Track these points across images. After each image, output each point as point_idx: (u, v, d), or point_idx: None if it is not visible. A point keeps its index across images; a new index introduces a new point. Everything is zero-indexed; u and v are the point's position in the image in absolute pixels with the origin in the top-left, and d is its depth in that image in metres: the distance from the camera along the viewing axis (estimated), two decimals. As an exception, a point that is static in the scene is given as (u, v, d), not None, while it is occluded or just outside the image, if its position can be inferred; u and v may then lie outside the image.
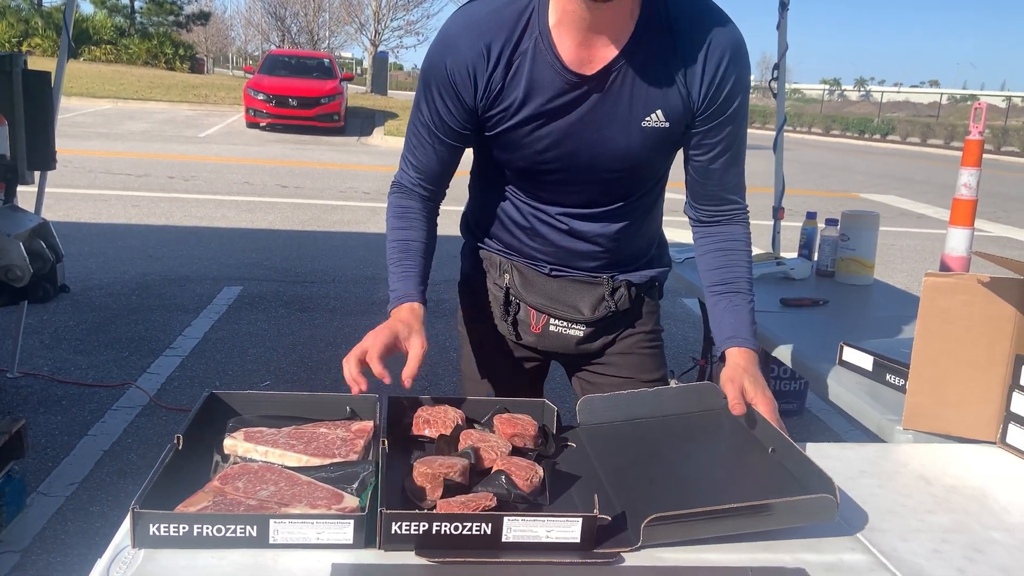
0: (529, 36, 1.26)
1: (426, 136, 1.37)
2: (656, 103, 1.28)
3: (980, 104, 4.48)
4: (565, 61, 1.25)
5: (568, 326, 1.49)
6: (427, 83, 1.33)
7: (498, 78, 1.28)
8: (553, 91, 1.27)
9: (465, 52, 1.27)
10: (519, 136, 1.32)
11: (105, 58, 32.67)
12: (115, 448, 3.01)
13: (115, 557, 0.89)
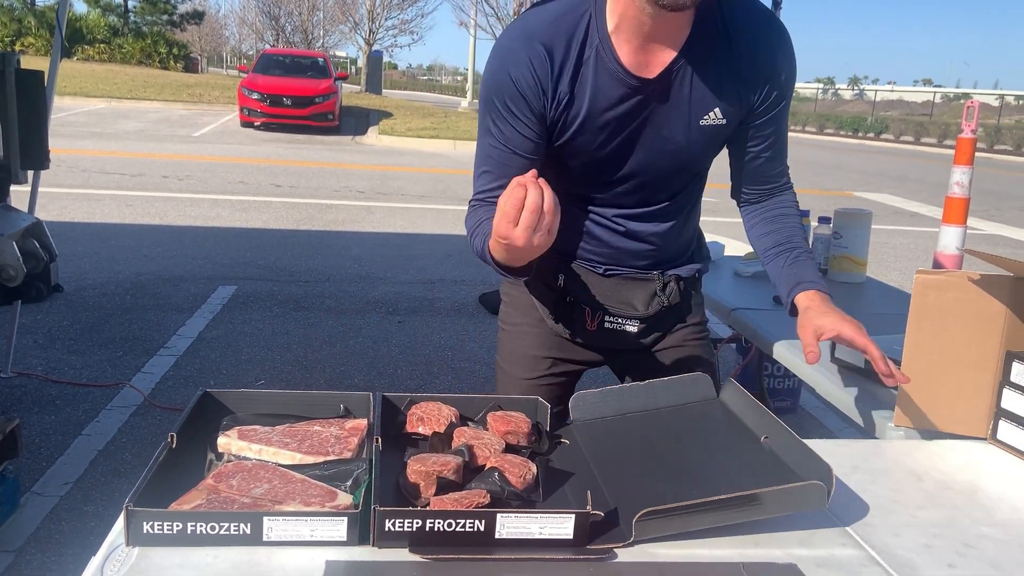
0: (590, 44, 1.28)
1: (502, 158, 1.35)
2: (713, 101, 1.32)
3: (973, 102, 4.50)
4: (627, 66, 1.27)
5: (624, 323, 1.52)
6: (491, 101, 1.31)
7: (565, 87, 1.29)
8: (617, 97, 1.30)
9: (528, 61, 1.27)
10: (583, 143, 1.34)
11: (99, 57, 32.59)
12: (109, 448, 3.01)
13: (109, 555, 0.89)
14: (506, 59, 1.29)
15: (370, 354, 4.22)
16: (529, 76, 1.27)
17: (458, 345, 4.43)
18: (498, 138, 1.33)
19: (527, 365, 1.59)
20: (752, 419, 1.22)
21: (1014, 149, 25.23)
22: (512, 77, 1.28)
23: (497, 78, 1.30)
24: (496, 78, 1.30)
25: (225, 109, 19.27)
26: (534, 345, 1.58)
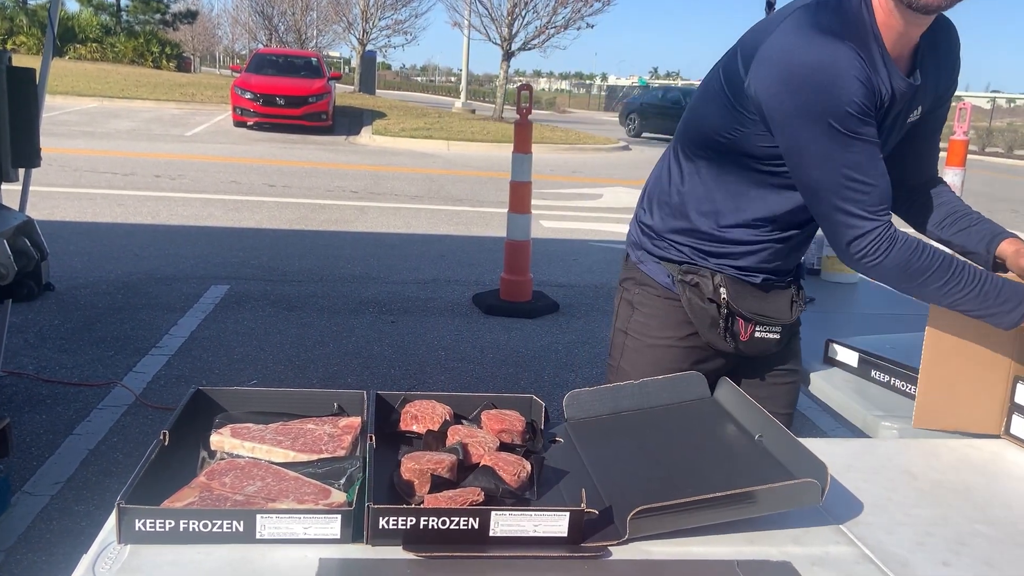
0: (876, 48, 1.28)
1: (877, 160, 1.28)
2: (923, 99, 1.38)
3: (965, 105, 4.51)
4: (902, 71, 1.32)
5: (768, 331, 1.53)
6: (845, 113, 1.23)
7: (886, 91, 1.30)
8: (902, 100, 1.33)
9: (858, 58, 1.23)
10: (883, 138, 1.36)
11: (91, 56, 32.46)
12: (100, 447, 2.99)
13: (101, 553, 0.88)
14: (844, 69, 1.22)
15: (363, 354, 4.21)
16: (864, 72, 1.23)
17: (452, 345, 4.43)
18: (871, 140, 1.26)
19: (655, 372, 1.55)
20: (746, 417, 1.22)
21: (1006, 151, 25.34)
22: (860, 79, 1.22)
23: (846, 84, 1.22)
24: (845, 84, 1.22)
25: (218, 109, 19.21)
26: (678, 359, 1.55)
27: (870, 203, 1.28)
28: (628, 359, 1.60)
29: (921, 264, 1.27)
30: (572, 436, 1.24)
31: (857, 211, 1.28)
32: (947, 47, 1.39)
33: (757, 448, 1.15)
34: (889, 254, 1.28)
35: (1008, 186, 15.82)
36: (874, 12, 1.27)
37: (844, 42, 1.23)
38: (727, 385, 1.29)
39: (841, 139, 1.24)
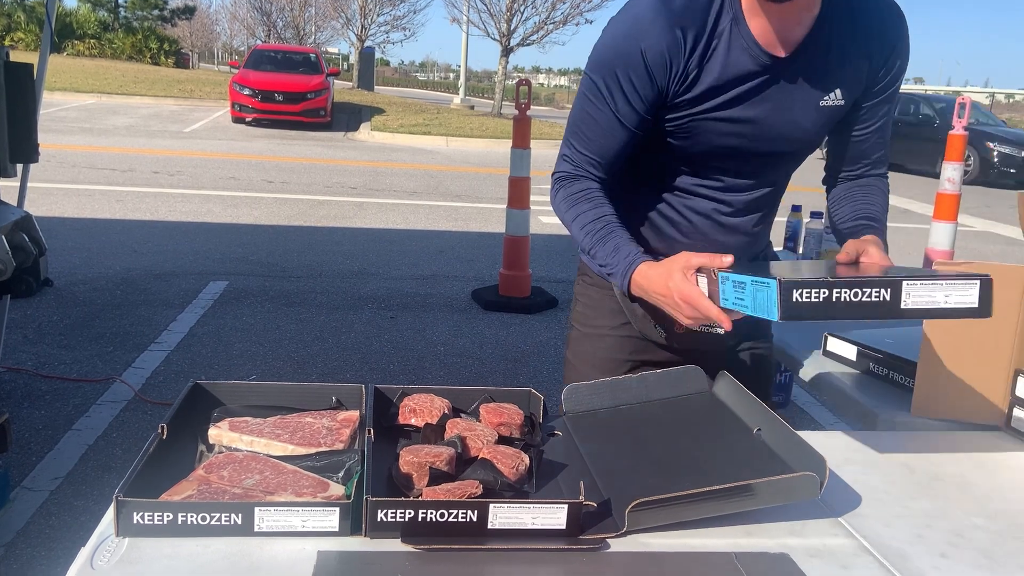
0: (724, 18, 1.25)
1: (607, 126, 1.31)
2: (835, 82, 1.31)
3: (964, 99, 4.50)
4: (760, 43, 1.25)
5: (712, 325, 1.49)
6: (611, 70, 1.27)
7: (694, 63, 1.25)
8: (748, 74, 1.27)
9: (661, 35, 1.23)
10: (706, 121, 1.31)
11: (89, 53, 32.41)
12: (99, 443, 2.99)
13: (99, 546, 0.88)
14: (639, 30, 1.24)
15: (362, 349, 4.21)
16: (660, 52, 1.24)
17: (450, 341, 4.43)
18: (610, 106, 1.29)
19: (606, 369, 1.53)
20: (745, 411, 1.22)
21: (1004, 147, 25.32)
22: (642, 51, 1.24)
23: (623, 48, 1.25)
24: (621, 47, 1.25)
25: (216, 105, 19.19)
26: (615, 348, 1.52)
27: (581, 154, 1.36)
28: (572, 350, 1.60)
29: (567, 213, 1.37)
30: (571, 429, 1.24)
31: (569, 149, 1.38)
32: (879, 35, 1.31)
33: (755, 441, 1.15)
34: (556, 195, 1.40)
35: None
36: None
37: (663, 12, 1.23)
38: (726, 379, 1.29)
39: (592, 89, 1.30)
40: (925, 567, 0.94)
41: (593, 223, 1.33)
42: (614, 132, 1.32)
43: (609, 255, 1.31)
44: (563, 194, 1.38)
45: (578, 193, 1.36)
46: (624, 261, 1.29)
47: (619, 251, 1.30)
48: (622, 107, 1.29)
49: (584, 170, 1.37)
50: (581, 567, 0.91)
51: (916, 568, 0.94)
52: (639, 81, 1.26)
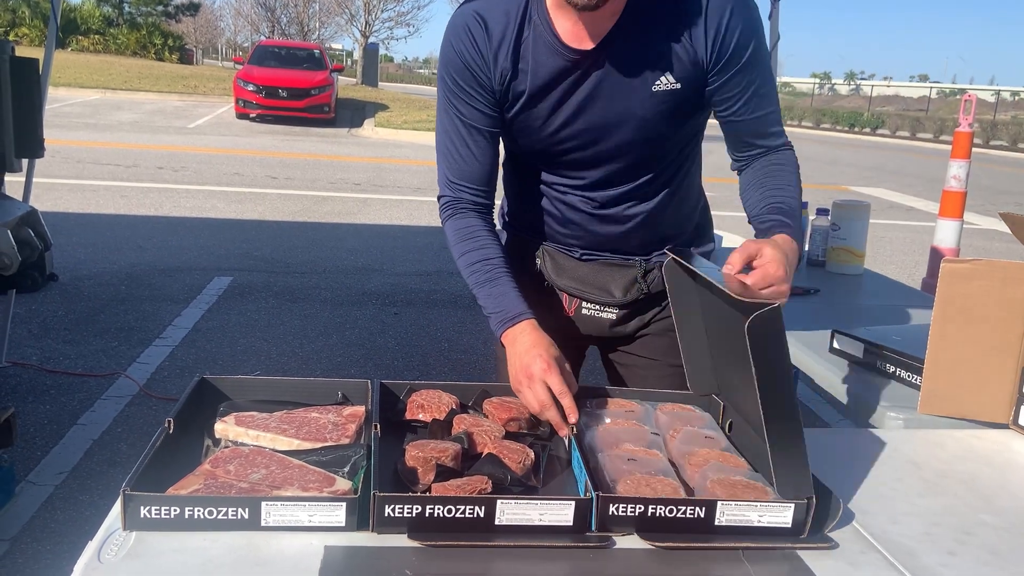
0: (529, 20, 1.27)
1: (463, 134, 1.34)
2: (664, 65, 1.26)
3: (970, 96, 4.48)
4: (563, 39, 1.25)
5: (600, 309, 1.49)
6: (446, 77, 1.33)
7: (507, 61, 1.28)
8: (557, 70, 1.28)
9: (468, 31, 1.29)
10: (532, 119, 1.33)
11: (93, 48, 32.43)
12: (104, 437, 3.00)
13: (106, 540, 0.88)
14: (454, 34, 1.30)
15: (366, 345, 4.21)
16: (470, 47, 1.29)
17: (455, 337, 4.43)
18: (456, 113, 1.33)
19: None
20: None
21: (1010, 145, 25.27)
22: (456, 50, 1.30)
23: (445, 52, 1.31)
24: (445, 53, 1.31)
25: (220, 101, 19.19)
26: None
27: (451, 172, 1.38)
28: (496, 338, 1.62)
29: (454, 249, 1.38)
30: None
31: (441, 170, 1.40)
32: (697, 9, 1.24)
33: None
34: (444, 224, 1.40)
35: (1012, 179, 15.78)
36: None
37: (467, 13, 1.29)
38: None
39: (442, 102, 1.35)
40: (933, 564, 0.94)
41: (480, 264, 1.35)
42: (472, 139, 1.35)
43: (492, 298, 1.32)
44: (450, 227, 1.39)
45: (464, 231, 1.37)
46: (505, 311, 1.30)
47: (504, 297, 1.31)
48: (464, 109, 1.33)
49: (463, 196, 1.38)
50: (588, 564, 0.91)
51: (924, 565, 0.93)
52: (467, 82, 1.31)
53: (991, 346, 1.33)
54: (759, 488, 1.03)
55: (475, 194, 1.38)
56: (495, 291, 1.32)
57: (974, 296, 1.31)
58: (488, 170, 1.38)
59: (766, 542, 0.95)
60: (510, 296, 1.31)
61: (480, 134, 1.34)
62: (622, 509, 0.95)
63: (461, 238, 1.37)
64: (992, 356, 1.33)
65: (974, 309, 1.31)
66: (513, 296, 1.31)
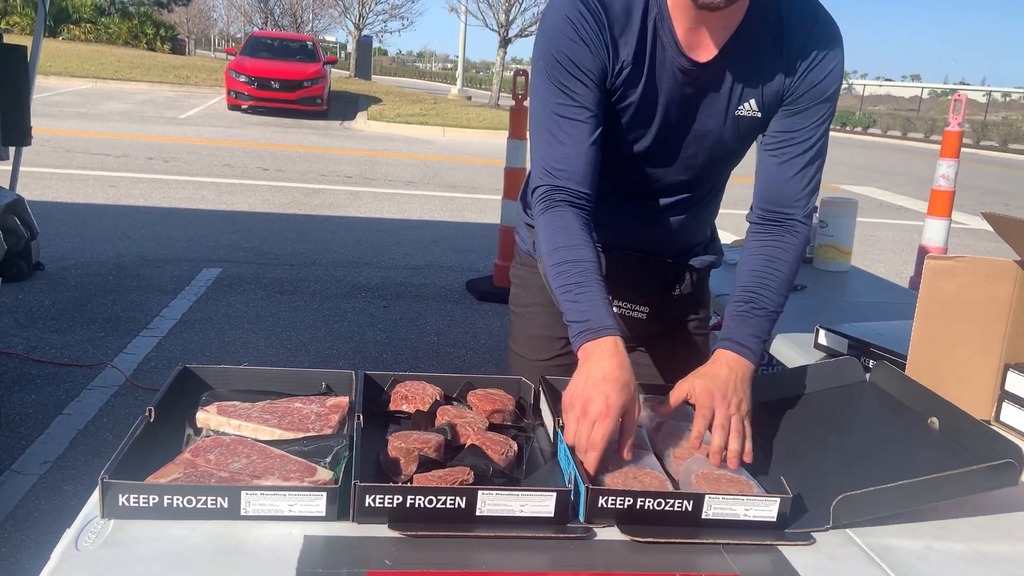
0: (650, 14, 1.23)
1: (568, 117, 1.23)
2: (752, 92, 1.27)
3: (960, 96, 4.50)
4: (682, 46, 1.23)
5: (631, 308, 1.48)
6: (551, 55, 1.22)
7: (627, 53, 1.23)
8: (668, 75, 1.25)
9: (584, 8, 1.20)
10: (624, 115, 1.29)
11: (84, 37, 32.24)
12: (90, 427, 2.98)
13: (84, 528, 0.88)
14: (561, 9, 1.21)
15: (355, 338, 4.20)
16: (586, 22, 1.20)
17: (444, 331, 4.42)
18: (565, 93, 1.23)
19: (540, 346, 1.55)
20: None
21: (1000, 145, 25.40)
22: (571, 20, 1.20)
23: (555, 26, 1.21)
24: (554, 27, 1.22)
25: (212, 92, 19.10)
26: (546, 325, 1.53)
27: (551, 158, 1.25)
28: (512, 332, 1.61)
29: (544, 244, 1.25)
30: None
31: (538, 158, 1.27)
32: (802, 49, 1.25)
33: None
34: (537, 218, 1.27)
35: (1001, 179, 15.86)
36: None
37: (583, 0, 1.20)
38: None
39: (545, 83, 1.23)
40: (911, 559, 0.94)
41: (570, 264, 1.20)
42: (579, 119, 1.23)
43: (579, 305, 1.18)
44: (543, 220, 1.26)
45: (555, 225, 1.24)
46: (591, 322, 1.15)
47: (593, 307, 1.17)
48: (575, 87, 1.22)
49: (565, 188, 1.25)
50: (568, 555, 0.91)
51: (902, 560, 0.94)
52: (576, 55, 1.21)
53: (973, 342, 1.34)
54: (743, 482, 1.04)
55: (579, 194, 1.25)
56: (583, 297, 1.17)
57: (957, 293, 1.32)
58: (594, 161, 1.26)
59: (751, 536, 0.95)
60: (598, 306, 1.16)
61: (589, 114, 1.24)
62: (611, 502, 0.95)
63: (552, 233, 1.24)
64: (974, 352, 1.34)
65: (957, 305, 1.32)
66: (601, 306, 1.16)
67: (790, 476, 1.03)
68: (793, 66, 1.26)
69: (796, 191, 1.31)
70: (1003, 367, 1.33)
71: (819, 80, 1.26)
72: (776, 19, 1.24)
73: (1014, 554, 0.98)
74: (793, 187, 1.31)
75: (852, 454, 1.15)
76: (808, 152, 1.30)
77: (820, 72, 1.26)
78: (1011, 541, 1.01)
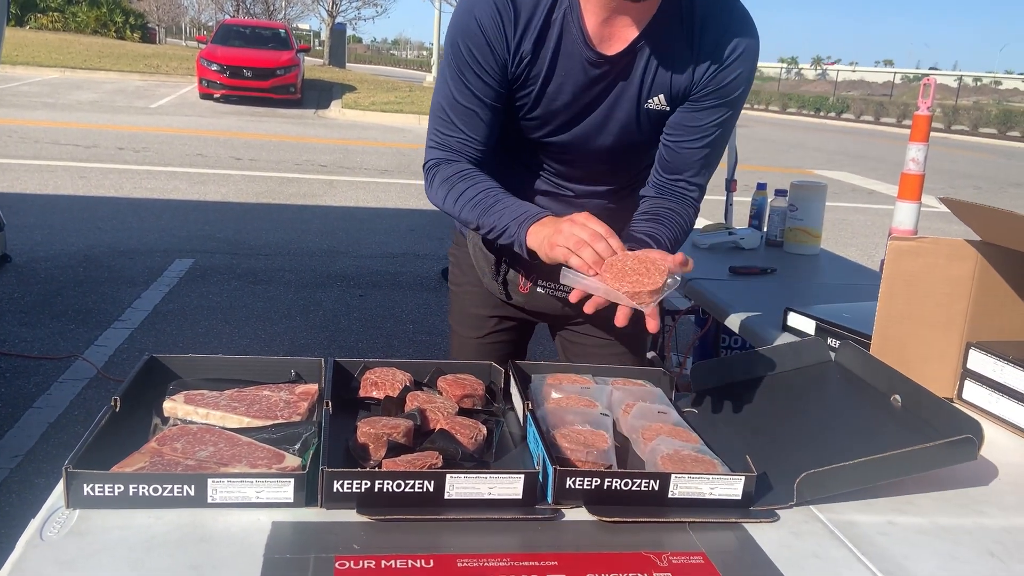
0: (559, 6, 1.24)
1: (464, 104, 1.30)
2: (662, 87, 1.29)
3: (929, 80, 4.54)
4: (591, 38, 1.25)
5: (555, 288, 1.51)
6: (456, 43, 1.27)
7: (528, 45, 1.26)
8: (576, 68, 1.27)
9: (500, 13, 1.23)
10: (535, 107, 1.32)
11: (52, 26, 31.65)
12: (61, 420, 2.96)
13: (49, 518, 0.87)
14: (473, 4, 1.25)
15: (330, 327, 4.19)
16: (494, 21, 1.24)
17: (420, 319, 4.42)
18: (464, 83, 1.29)
19: (474, 324, 1.61)
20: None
21: (971, 129, 25.71)
22: (477, 19, 1.25)
23: (464, 21, 1.26)
24: (463, 21, 1.26)
25: (183, 81, 18.86)
26: (478, 304, 1.59)
27: (447, 140, 1.33)
28: (450, 311, 1.66)
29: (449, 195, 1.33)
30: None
31: (433, 133, 1.35)
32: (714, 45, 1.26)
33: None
34: (432, 182, 1.36)
35: (972, 163, 16.06)
36: None
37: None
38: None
39: (450, 67, 1.29)
40: (873, 533, 0.96)
41: (482, 194, 1.29)
42: (474, 111, 1.31)
43: (507, 211, 1.26)
44: (439, 179, 1.34)
45: (455, 175, 1.33)
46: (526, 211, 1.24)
47: (520, 206, 1.26)
48: (473, 80, 1.28)
49: (455, 152, 1.34)
50: (537, 536, 0.92)
51: (864, 534, 0.96)
52: (480, 53, 1.26)
53: (936, 322, 1.36)
54: (708, 461, 1.05)
55: (471, 150, 1.34)
56: (508, 204, 1.27)
57: (920, 273, 1.34)
58: (486, 143, 1.34)
59: (716, 514, 0.97)
60: (526, 205, 1.26)
61: (486, 107, 1.31)
62: (579, 483, 0.96)
63: (455, 181, 1.32)
64: (937, 331, 1.36)
65: (920, 285, 1.34)
66: (526, 205, 1.26)
67: (756, 455, 1.05)
68: (703, 64, 1.27)
69: (696, 169, 1.36)
70: (965, 345, 1.36)
71: (725, 82, 1.28)
72: (689, 16, 1.25)
73: (972, 527, 1.00)
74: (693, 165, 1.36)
75: (817, 432, 1.16)
76: (703, 149, 1.34)
77: (727, 74, 1.28)
78: (970, 514, 1.03)
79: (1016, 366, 1.28)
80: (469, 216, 1.31)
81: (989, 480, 1.13)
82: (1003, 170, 15.22)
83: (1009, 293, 1.36)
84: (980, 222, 1.32)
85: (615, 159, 1.39)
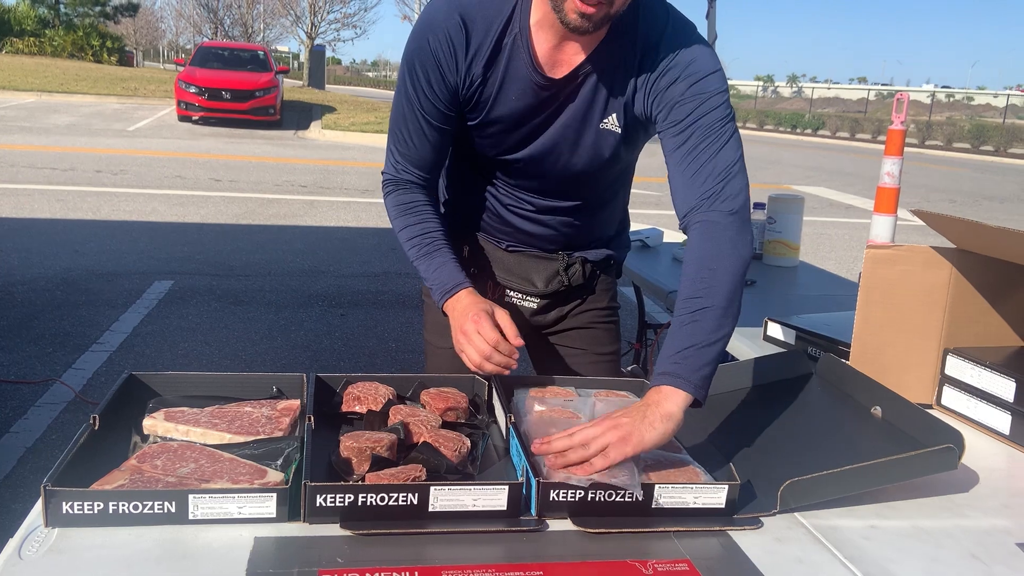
0: (510, 31, 1.27)
1: (414, 123, 1.33)
2: (613, 108, 1.31)
3: (902, 95, 4.61)
4: (540, 62, 1.27)
5: (523, 298, 1.54)
6: (411, 65, 1.30)
7: (479, 68, 1.28)
8: (523, 90, 1.29)
9: (447, 29, 1.26)
10: (488, 129, 1.34)
11: (28, 50, 31.49)
12: (38, 445, 2.91)
13: (27, 536, 0.86)
14: (428, 24, 1.27)
15: (312, 347, 4.16)
16: (446, 44, 1.26)
17: (402, 337, 4.40)
18: (415, 104, 1.32)
19: (446, 333, 1.58)
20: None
21: (944, 144, 26.08)
22: (430, 43, 1.27)
23: (418, 43, 1.28)
24: (417, 42, 1.28)
25: (161, 103, 18.80)
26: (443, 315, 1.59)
27: (399, 155, 1.38)
28: (424, 323, 1.67)
29: (395, 223, 1.42)
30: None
31: (390, 150, 1.40)
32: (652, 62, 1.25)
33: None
34: (386, 200, 1.43)
35: (946, 177, 16.29)
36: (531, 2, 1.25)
37: (451, 11, 1.25)
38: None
39: (404, 85, 1.32)
40: (856, 537, 0.97)
41: (419, 238, 1.38)
42: (424, 130, 1.34)
43: (432, 271, 1.37)
44: (391, 202, 1.42)
45: (405, 205, 1.40)
46: (444, 283, 1.35)
47: (442, 269, 1.36)
48: (424, 103, 1.31)
49: (406, 177, 1.39)
50: (521, 547, 0.91)
51: (847, 538, 0.96)
52: (432, 74, 1.29)
53: (914, 328, 1.37)
54: (691, 471, 1.05)
55: (421, 179, 1.41)
56: (434, 263, 1.36)
57: (897, 281, 1.36)
58: (436, 159, 1.40)
59: (701, 523, 0.97)
60: (449, 267, 1.35)
61: (434, 128, 1.34)
62: (563, 495, 0.96)
63: (401, 212, 1.40)
64: (915, 338, 1.38)
65: (897, 293, 1.36)
66: (452, 267, 1.36)
67: (739, 465, 1.05)
68: (653, 87, 1.27)
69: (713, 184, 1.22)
70: (943, 351, 1.37)
71: (678, 93, 1.23)
72: (633, 38, 1.27)
73: (954, 529, 1.01)
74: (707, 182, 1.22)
75: (799, 443, 1.17)
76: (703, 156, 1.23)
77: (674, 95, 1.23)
78: (951, 517, 1.04)
79: (993, 371, 1.29)
80: (408, 252, 1.40)
81: (969, 484, 1.14)
82: (977, 183, 15.45)
83: (985, 300, 1.38)
84: (953, 232, 1.34)
85: (573, 178, 1.40)
